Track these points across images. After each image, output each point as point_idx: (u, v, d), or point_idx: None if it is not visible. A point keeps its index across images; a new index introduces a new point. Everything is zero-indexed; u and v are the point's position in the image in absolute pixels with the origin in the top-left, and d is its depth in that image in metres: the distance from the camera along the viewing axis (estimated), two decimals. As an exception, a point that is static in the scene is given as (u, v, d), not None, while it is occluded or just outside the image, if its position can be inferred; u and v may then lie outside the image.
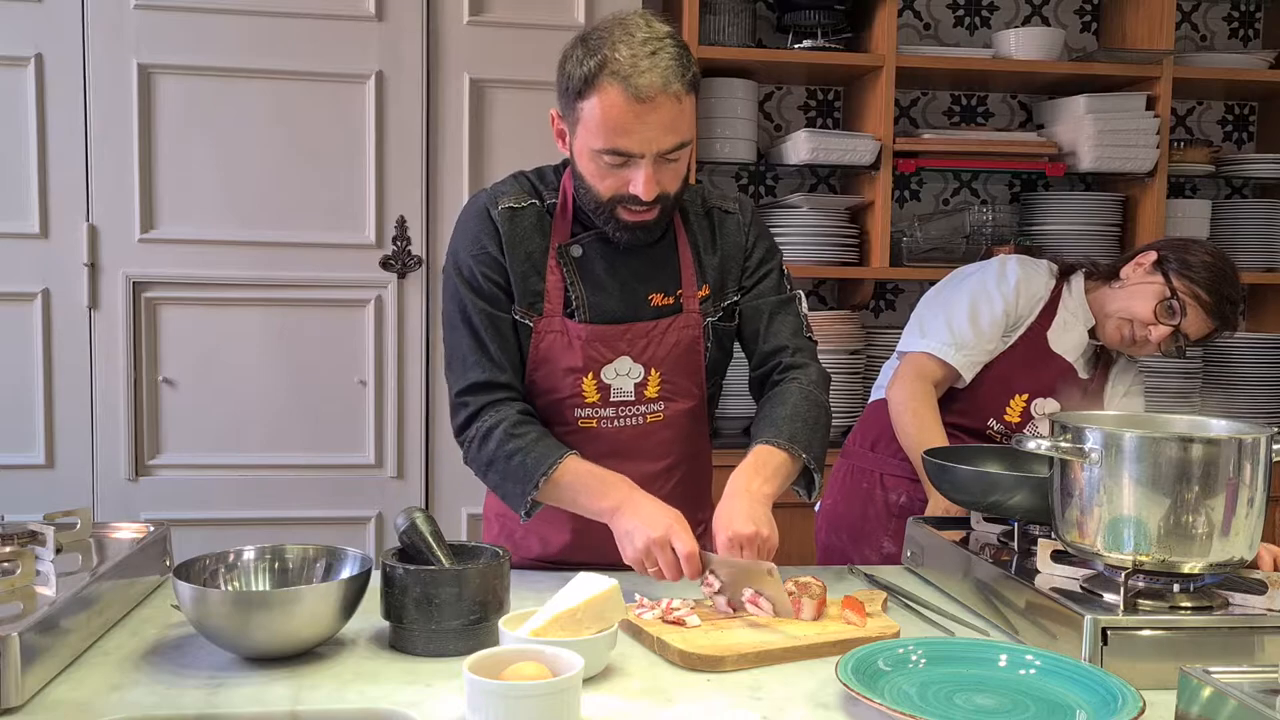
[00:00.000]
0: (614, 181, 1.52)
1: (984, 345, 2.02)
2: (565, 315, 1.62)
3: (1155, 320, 1.96)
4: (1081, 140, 3.14)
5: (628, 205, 1.53)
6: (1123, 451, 1.28)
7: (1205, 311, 1.95)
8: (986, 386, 2.04)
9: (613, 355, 1.62)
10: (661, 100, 1.45)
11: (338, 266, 2.77)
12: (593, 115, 1.48)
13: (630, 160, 1.49)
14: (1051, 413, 2.01)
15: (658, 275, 1.65)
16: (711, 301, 1.68)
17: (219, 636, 1.27)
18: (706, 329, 1.67)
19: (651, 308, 1.64)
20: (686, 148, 1.53)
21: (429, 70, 2.76)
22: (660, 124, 1.46)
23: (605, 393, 1.63)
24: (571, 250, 1.62)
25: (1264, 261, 3.32)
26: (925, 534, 1.68)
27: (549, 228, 1.63)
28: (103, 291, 2.68)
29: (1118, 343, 2.03)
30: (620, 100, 1.45)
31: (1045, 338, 2.05)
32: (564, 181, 1.65)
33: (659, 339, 1.63)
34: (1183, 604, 1.29)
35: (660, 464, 1.69)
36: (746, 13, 3.13)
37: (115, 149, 2.66)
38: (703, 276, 1.67)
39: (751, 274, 1.71)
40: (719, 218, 1.70)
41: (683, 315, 1.65)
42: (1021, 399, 2.03)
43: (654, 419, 1.66)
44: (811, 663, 1.30)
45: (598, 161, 1.51)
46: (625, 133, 1.46)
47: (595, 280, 1.63)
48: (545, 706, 1.06)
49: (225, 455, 2.76)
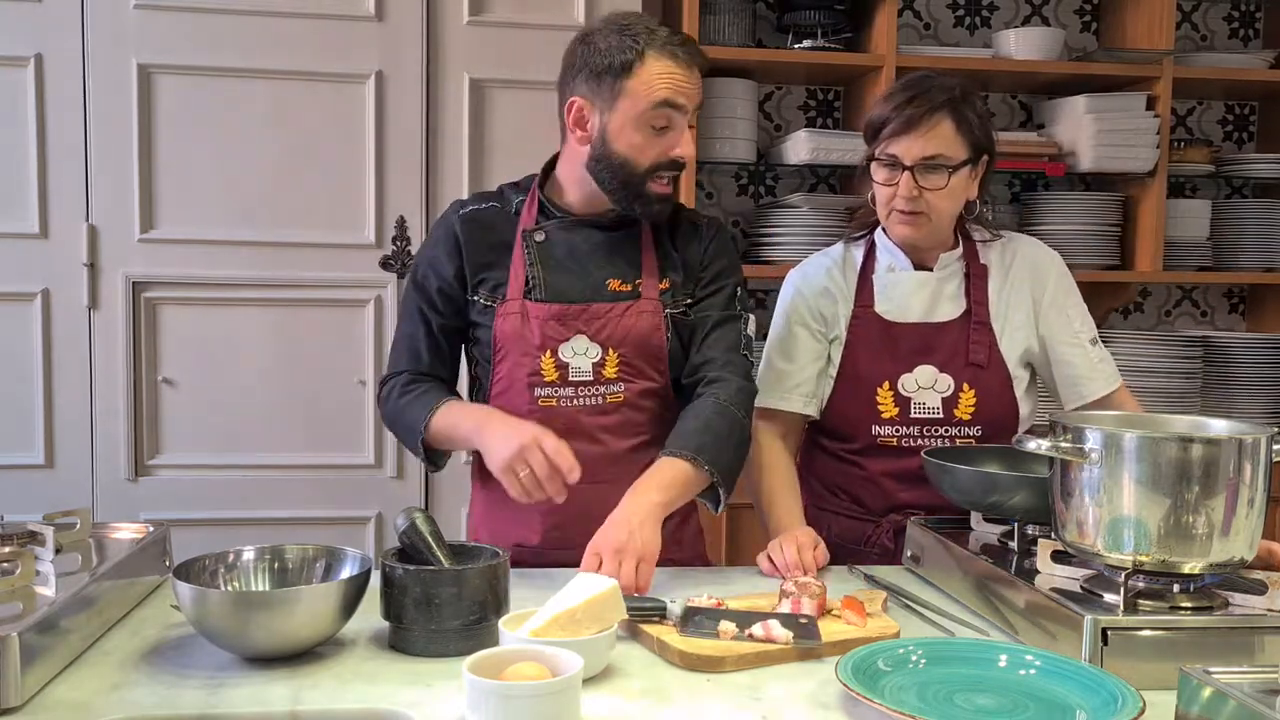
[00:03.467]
0: (657, 149, 1.66)
1: (798, 372, 1.90)
2: (525, 296, 1.72)
3: (880, 183, 1.84)
4: (1081, 140, 3.14)
5: (660, 176, 1.67)
6: (1123, 451, 1.28)
7: (899, 127, 1.78)
8: (845, 398, 1.89)
9: (569, 334, 1.71)
10: (695, 70, 1.66)
11: (338, 266, 2.77)
12: (644, 82, 1.63)
13: (673, 123, 1.65)
14: (928, 383, 1.86)
15: (617, 263, 1.75)
16: (671, 295, 1.75)
17: (219, 636, 1.27)
18: (666, 319, 1.74)
19: (609, 291, 1.73)
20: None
21: (429, 70, 2.76)
22: (693, 87, 1.66)
23: (564, 371, 1.71)
24: (535, 235, 1.74)
25: (1264, 261, 3.32)
26: (925, 534, 1.68)
27: (514, 223, 1.76)
28: (103, 291, 2.68)
29: (901, 234, 1.86)
30: (671, 64, 1.64)
31: (874, 313, 1.89)
32: (533, 186, 1.79)
33: (616, 320, 1.71)
34: (1183, 604, 1.29)
35: (628, 443, 1.74)
36: (746, 13, 3.13)
37: (115, 149, 2.66)
38: (664, 271, 1.76)
39: (705, 285, 1.78)
40: (686, 228, 1.80)
41: (640, 301, 1.73)
42: (886, 390, 1.86)
43: (613, 399, 1.72)
44: (811, 663, 1.30)
45: (644, 130, 1.64)
46: (677, 90, 1.64)
47: (555, 263, 1.73)
48: (545, 706, 1.06)
49: (225, 455, 2.76)
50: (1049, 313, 1.90)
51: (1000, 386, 1.87)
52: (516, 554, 1.71)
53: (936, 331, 1.88)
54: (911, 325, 1.88)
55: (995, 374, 1.87)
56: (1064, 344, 1.90)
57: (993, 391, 1.86)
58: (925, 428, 1.85)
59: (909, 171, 1.78)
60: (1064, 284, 1.93)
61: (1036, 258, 1.94)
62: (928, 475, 1.68)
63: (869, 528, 1.90)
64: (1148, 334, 3.25)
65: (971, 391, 1.85)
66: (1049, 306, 1.91)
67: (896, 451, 1.86)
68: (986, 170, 1.87)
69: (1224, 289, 3.59)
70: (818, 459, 1.97)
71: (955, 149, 1.79)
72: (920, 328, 1.88)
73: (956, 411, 1.85)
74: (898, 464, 1.85)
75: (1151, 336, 3.22)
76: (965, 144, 1.80)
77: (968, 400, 1.85)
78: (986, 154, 1.85)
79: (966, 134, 1.80)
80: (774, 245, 3.10)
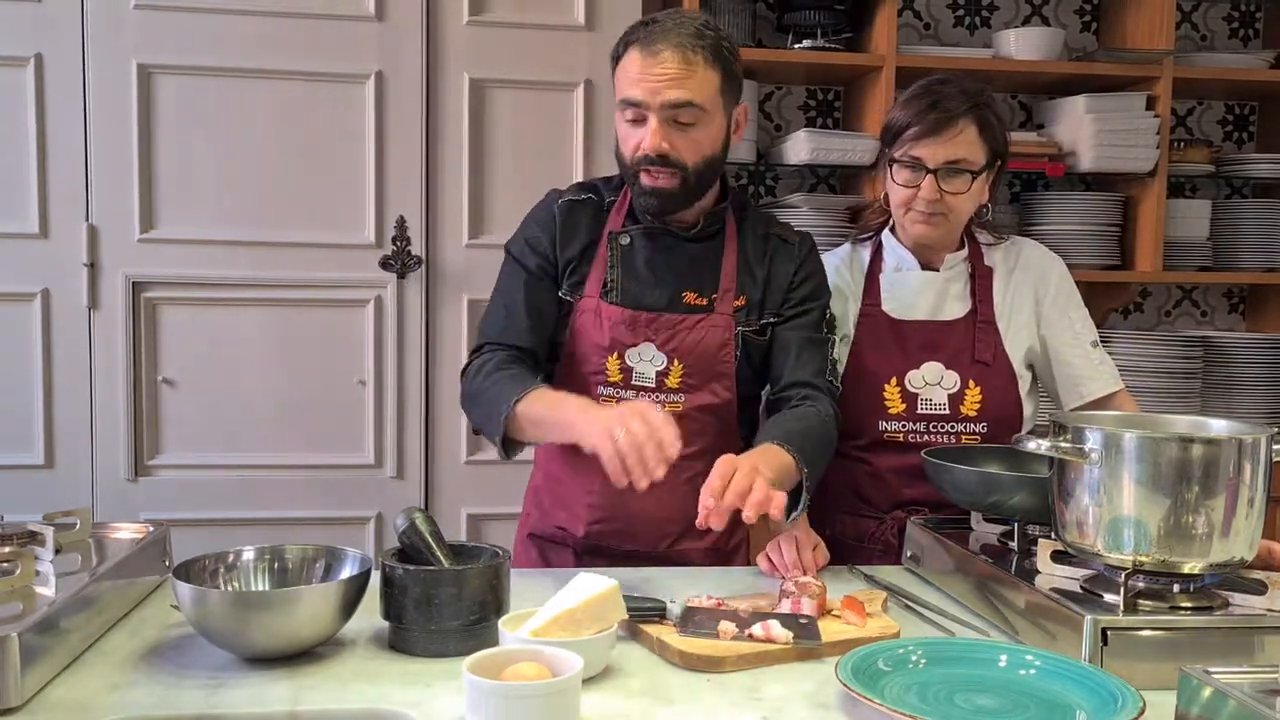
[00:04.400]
0: (633, 142, 1.65)
1: None
2: (601, 297, 1.72)
3: (901, 184, 1.84)
4: (1081, 140, 3.14)
5: (646, 167, 1.65)
6: (1123, 452, 1.28)
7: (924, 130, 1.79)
8: (852, 395, 1.87)
9: (637, 340, 1.71)
10: (667, 56, 1.60)
11: (338, 266, 2.77)
12: (620, 77, 1.66)
13: (643, 116, 1.63)
14: (934, 379, 1.87)
15: (696, 276, 1.74)
16: (744, 313, 1.74)
17: (218, 637, 1.27)
18: (737, 336, 1.73)
19: (684, 304, 1.73)
20: (704, 118, 1.63)
21: (429, 70, 2.76)
22: (665, 75, 1.60)
23: (628, 375, 1.72)
24: (620, 238, 1.75)
25: (1264, 261, 3.32)
26: (925, 534, 1.68)
27: (604, 221, 1.77)
28: (102, 291, 2.68)
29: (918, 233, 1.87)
30: (636, 55, 1.62)
31: (881, 311, 1.93)
32: (626, 187, 1.77)
33: (685, 333, 1.71)
34: (1183, 604, 1.29)
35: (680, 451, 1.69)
36: (746, 13, 3.13)
37: (115, 149, 2.66)
38: (742, 288, 1.74)
39: (794, 305, 1.77)
40: (776, 244, 1.79)
41: (712, 315, 1.72)
42: (893, 386, 1.88)
43: (673, 408, 1.71)
44: (811, 663, 1.30)
45: (622, 121, 1.66)
46: (634, 83, 1.62)
47: (634, 269, 1.74)
48: (545, 706, 1.06)
49: (225, 455, 2.76)
50: (1050, 315, 1.92)
51: (1005, 384, 1.88)
52: (561, 536, 1.79)
53: (943, 329, 1.89)
54: (918, 323, 1.90)
55: (1000, 371, 1.88)
56: (1065, 346, 1.92)
57: (998, 389, 1.87)
58: (932, 424, 1.87)
59: (932, 175, 1.80)
60: (1066, 287, 1.95)
61: (1040, 261, 1.96)
62: (928, 475, 1.68)
63: (872, 524, 1.90)
64: (1148, 334, 3.25)
65: (977, 388, 1.86)
66: (1051, 309, 1.92)
67: (903, 447, 1.87)
68: (999, 174, 1.89)
69: (1224, 289, 3.59)
70: None
71: (977, 154, 1.82)
72: (927, 325, 1.90)
73: (962, 408, 1.86)
74: (903, 460, 1.86)
75: (1151, 336, 3.22)
76: (986, 149, 1.83)
77: (973, 397, 1.86)
78: (1001, 159, 1.87)
79: (989, 139, 1.83)
80: (774, 245, 3.10)
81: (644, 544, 1.76)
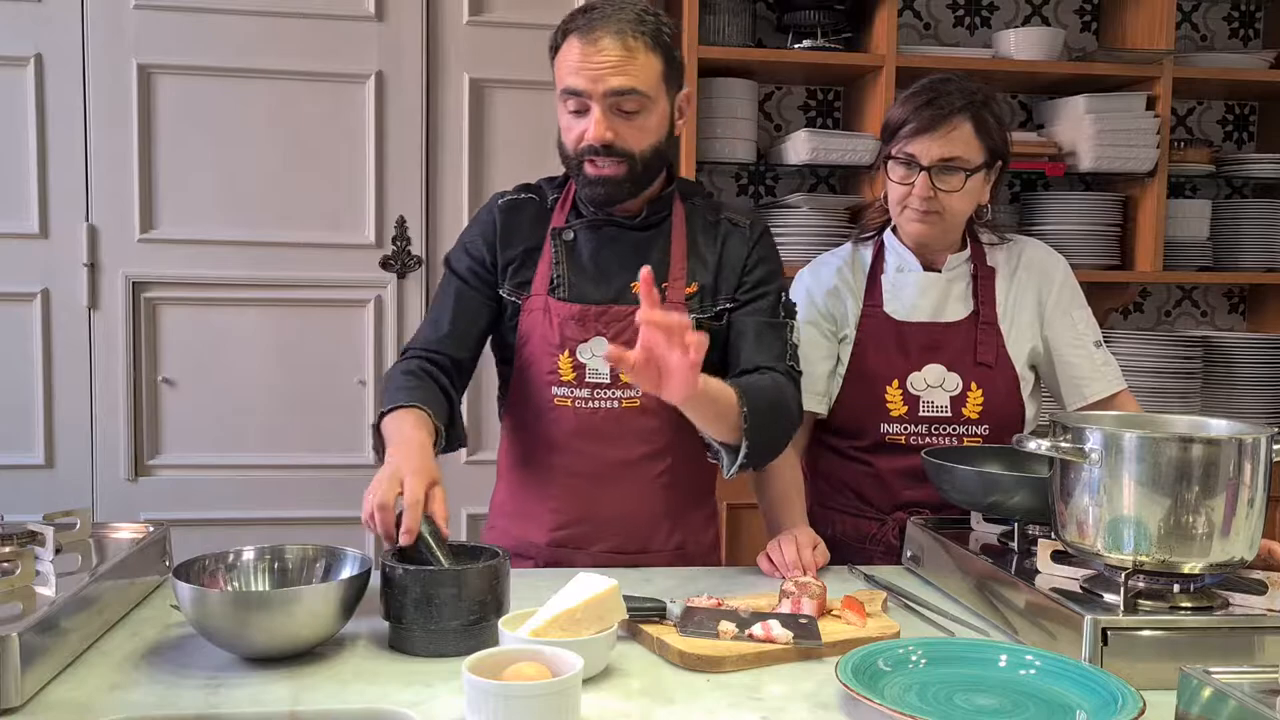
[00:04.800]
0: (576, 132, 1.61)
1: (809, 370, 1.85)
2: (549, 294, 1.69)
3: (896, 181, 1.84)
4: (1081, 140, 3.14)
5: (590, 157, 1.61)
6: (1123, 452, 1.28)
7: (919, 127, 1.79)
8: (854, 396, 1.89)
9: (587, 335, 1.67)
10: (607, 43, 1.56)
11: (338, 266, 2.77)
12: (559, 67, 1.61)
13: (584, 106, 1.59)
14: (936, 381, 1.86)
15: (642, 265, 1.61)
16: (698, 299, 1.69)
17: (218, 637, 1.26)
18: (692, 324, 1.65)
19: (632, 294, 1.66)
20: (648, 105, 1.60)
21: (429, 70, 2.76)
22: (607, 63, 1.56)
23: (580, 372, 1.68)
24: (564, 234, 1.71)
25: (1264, 261, 3.32)
26: (925, 534, 1.68)
27: (548, 218, 1.73)
28: (102, 291, 2.68)
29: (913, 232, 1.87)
30: (574, 44, 1.58)
31: (883, 312, 1.91)
32: (570, 181, 1.73)
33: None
34: (1183, 604, 1.29)
35: (639, 451, 1.70)
36: (746, 13, 3.13)
37: (115, 149, 2.66)
38: (693, 274, 1.70)
39: (748, 290, 1.72)
40: (727, 227, 1.74)
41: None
42: (895, 388, 1.87)
43: (629, 404, 1.68)
44: (811, 663, 1.30)
45: (564, 112, 1.62)
46: (575, 71, 1.58)
47: (580, 263, 1.70)
48: (545, 706, 1.06)
49: (225, 455, 2.76)
50: (1054, 315, 1.91)
51: (1007, 386, 1.88)
52: (524, 548, 1.74)
53: (945, 331, 1.89)
54: (920, 324, 1.89)
55: (1003, 373, 1.88)
56: (1068, 346, 1.91)
57: (1000, 391, 1.87)
58: (933, 426, 1.86)
59: (926, 172, 1.79)
60: (1069, 286, 1.94)
61: (1043, 261, 1.95)
62: (928, 475, 1.68)
63: (874, 525, 1.90)
64: (1148, 334, 3.25)
65: (979, 391, 1.86)
66: (1054, 309, 1.91)
67: (904, 449, 1.86)
68: (1000, 175, 1.88)
69: (1224, 289, 3.59)
70: (824, 456, 1.97)
71: (973, 152, 1.80)
72: (929, 327, 1.89)
73: (964, 410, 1.86)
74: (905, 462, 1.86)
75: (1151, 336, 3.22)
76: (983, 148, 1.81)
77: (975, 399, 1.86)
78: (1001, 160, 1.86)
79: (985, 138, 1.81)
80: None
81: (612, 546, 1.71)
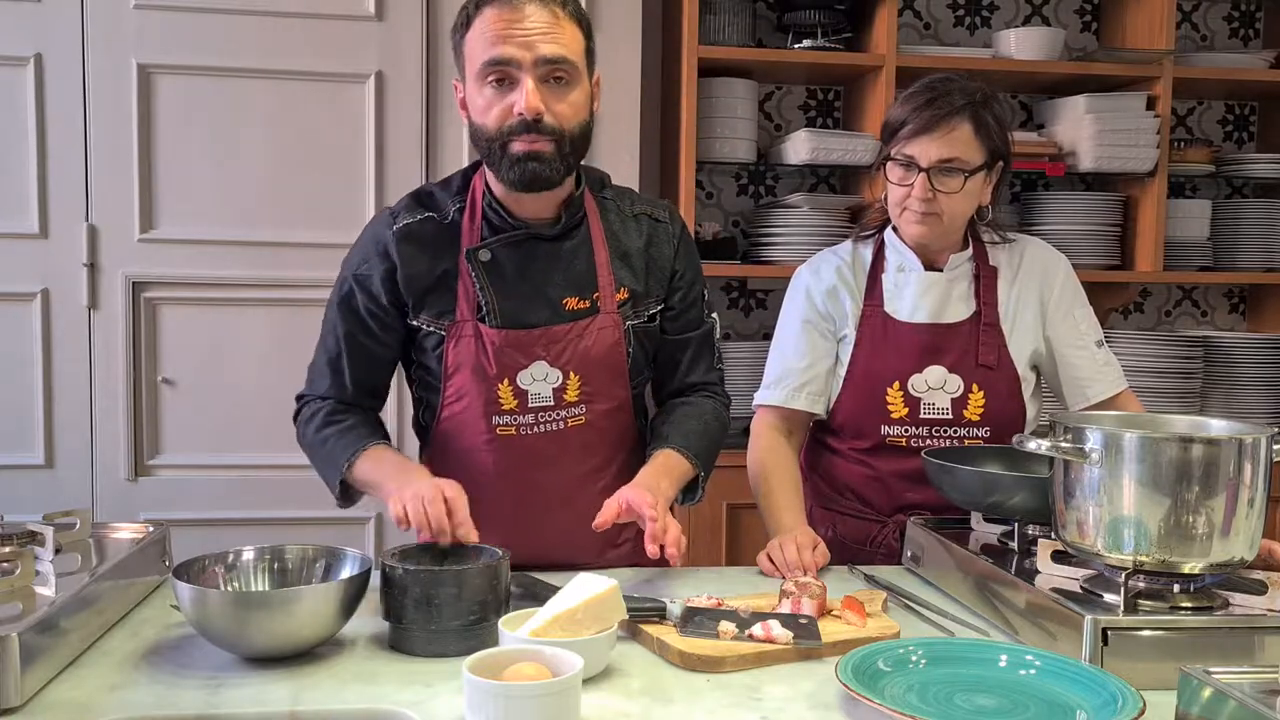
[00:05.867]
0: (501, 109, 1.50)
1: (807, 370, 1.89)
2: (478, 320, 1.60)
3: (895, 182, 1.84)
4: (1081, 140, 3.14)
5: (517, 134, 1.50)
6: (1123, 452, 1.28)
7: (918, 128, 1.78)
8: (854, 398, 1.88)
9: (527, 361, 1.60)
10: (532, 9, 1.48)
11: (338, 266, 2.76)
12: (475, 41, 1.50)
13: (511, 79, 1.49)
14: (937, 383, 1.85)
15: (571, 278, 1.63)
16: (631, 305, 1.66)
17: (218, 637, 1.26)
18: (627, 331, 1.65)
19: (566, 311, 1.62)
20: (576, 78, 1.52)
21: (429, 70, 2.76)
22: (536, 30, 1.47)
23: (523, 398, 1.61)
24: (479, 255, 1.60)
25: (1264, 261, 3.32)
26: (925, 534, 1.68)
27: (456, 238, 1.62)
28: (102, 291, 2.68)
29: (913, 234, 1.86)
30: (494, 13, 1.48)
31: (884, 313, 1.90)
32: (473, 185, 1.64)
33: (575, 342, 1.61)
34: (1183, 604, 1.29)
35: (585, 466, 1.68)
36: (746, 12, 3.13)
37: (115, 149, 2.66)
38: (620, 281, 1.65)
39: (679, 296, 1.72)
40: (648, 225, 1.70)
41: (600, 316, 1.63)
42: (895, 390, 1.86)
43: (575, 423, 1.64)
44: (811, 663, 1.30)
45: (483, 91, 1.51)
46: (502, 40, 1.47)
47: (505, 285, 1.60)
48: (545, 706, 1.06)
49: (225, 455, 2.76)
50: (1056, 315, 1.91)
51: (1009, 388, 1.87)
52: None
53: (946, 332, 1.88)
54: (921, 325, 1.88)
55: (1004, 375, 1.87)
56: (1070, 346, 1.90)
57: (1001, 393, 1.86)
58: (934, 428, 1.85)
59: (924, 173, 1.78)
60: (1071, 287, 1.93)
61: (1045, 260, 1.94)
62: (928, 475, 1.68)
63: (875, 528, 1.90)
64: (1148, 334, 3.25)
65: (980, 393, 1.85)
66: (1056, 309, 1.91)
67: (905, 451, 1.86)
68: (1002, 176, 1.87)
69: (1224, 289, 3.59)
70: (824, 458, 1.97)
71: (972, 153, 1.79)
72: (930, 328, 1.88)
73: (965, 412, 1.85)
74: (906, 464, 1.85)
75: (1152, 336, 3.22)
76: (983, 149, 1.80)
77: (976, 401, 1.85)
78: (1002, 160, 1.85)
79: (985, 139, 1.80)
80: (774, 245, 3.10)
81: (562, 562, 1.64)
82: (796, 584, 1.44)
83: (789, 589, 1.44)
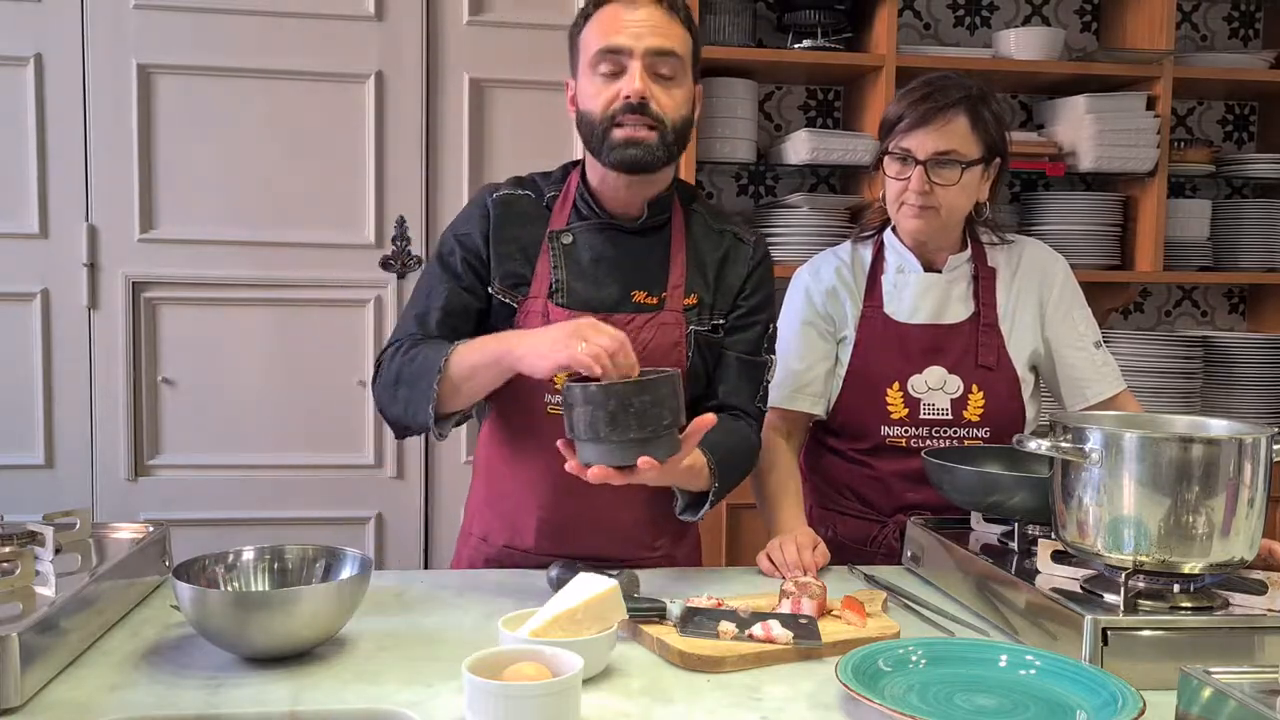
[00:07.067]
0: (608, 94, 1.58)
1: (807, 372, 1.89)
2: (548, 298, 1.64)
3: (892, 176, 1.84)
4: (1081, 140, 3.14)
5: (622, 117, 1.58)
6: (1123, 452, 1.28)
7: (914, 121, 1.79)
8: (854, 398, 1.88)
9: None
10: (647, 6, 1.58)
11: (337, 266, 2.77)
12: (590, 34, 1.60)
13: (621, 68, 1.57)
14: (937, 384, 1.86)
15: (644, 273, 1.66)
16: (695, 312, 1.67)
17: (218, 637, 1.26)
18: (689, 335, 1.66)
19: (632, 302, 1.64)
20: (680, 75, 1.60)
21: (429, 70, 2.76)
22: (648, 22, 1.57)
23: None
24: (563, 237, 1.66)
25: (1264, 261, 3.32)
26: (925, 534, 1.68)
27: (545, 218, 1.68)
28: (102, 291, 2.69)
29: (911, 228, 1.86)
30: (611, 9, 1.59)
31: (883, 313, 1.90)
32: (570, 177, 1.71)
33: (635, 333, 1.61)
34: (1183, 604, 1.29)
35: None
36: (746, 13, 3.13)
37: (115, 149, 2.66)
38: (692, 286, 1.67)
39: (741, 315, 1.70)
40: (730, 242, 1.72)
41: (664, 313, 1.65)
42: (895, 391, 1.86)
43: None
44: (811, 663, 1.30)
45: (593, 80, 1.60)
46: (616, 31, 1.57)
47: (580, 268, 1.65)
48: (545, 706, 1.06)
49: (225, 455, 2.76)
50: (1055, 315, 1.91)
51: (1008, 388, 1.87)
52: (507, 555, 1.71)
53: (946, 333, 1.88)
54: (921, 326, 1.89)
55: (1003, 376, 1.87)
56: (1069, 347, 1.91)
57: (1001, 393, 1.86)
58: (934, 429, 1.85)
59: (921, 166, 1.79)
60: (1070, 287, 1.94)
61: (1044, 261, 1.95)
62: (928, 475, 1.68)
63: (875, 528, 1.90)
64: (1148, 334, 3.25)
65: (980, 393, 1.85)
66: (1055, 309, 1.91)
67: (905, 452, 1.86)
68: (999, 173, 1.88)
69: (1224, 289, 3.59)
70: (824, 458, 1.97)
71: (969, 146, 1.80)
72: (929, 329, 1.88)
73: (965, 413, 1.85)
74: (906, 464, 1.85)
75: (1151, 336, 3.22)
76: (979, 142, 1.81)
77: (976, 402, 1.85)
78: (1000, 157, 1.85)
79: (981, 133, 1.80)
80: (774, 245, 3.10)
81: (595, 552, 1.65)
82: (796, 584, 1.44)
83: (789, 589, 1.44)
